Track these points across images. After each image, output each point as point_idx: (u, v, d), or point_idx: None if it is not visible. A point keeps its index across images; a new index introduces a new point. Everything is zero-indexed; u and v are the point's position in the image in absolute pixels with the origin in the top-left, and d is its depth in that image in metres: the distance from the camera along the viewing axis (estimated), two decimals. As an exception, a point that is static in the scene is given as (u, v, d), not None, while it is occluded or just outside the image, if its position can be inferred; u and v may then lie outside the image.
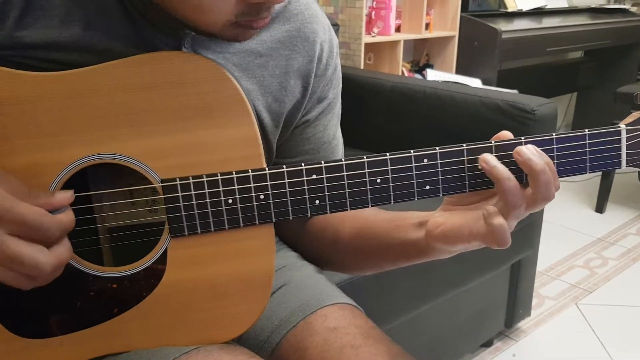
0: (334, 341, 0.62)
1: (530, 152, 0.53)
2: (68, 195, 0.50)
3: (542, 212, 1.51)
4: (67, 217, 0.49)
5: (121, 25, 0.55)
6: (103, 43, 0.55)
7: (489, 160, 0.54)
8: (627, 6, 3.31)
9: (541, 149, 0.54)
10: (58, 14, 0.53)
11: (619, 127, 0.56)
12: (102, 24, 0.55)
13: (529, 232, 1.45)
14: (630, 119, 0.57)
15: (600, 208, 2.53)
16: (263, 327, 0.66)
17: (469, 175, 0.55)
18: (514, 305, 1.56)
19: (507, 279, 1.52)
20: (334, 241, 0.71)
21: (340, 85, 0.73)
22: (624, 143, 0.57)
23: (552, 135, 0.55)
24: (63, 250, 0.49)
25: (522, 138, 0.55)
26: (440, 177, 0.55)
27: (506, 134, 0.56)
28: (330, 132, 0.72)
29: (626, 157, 0.57)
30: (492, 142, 0.55)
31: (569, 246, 2.22)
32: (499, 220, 0.52)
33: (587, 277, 1.99)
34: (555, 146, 0.55)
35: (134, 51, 0.54)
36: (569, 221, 2.42)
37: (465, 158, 0.55)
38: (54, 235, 0.48)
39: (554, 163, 0.55)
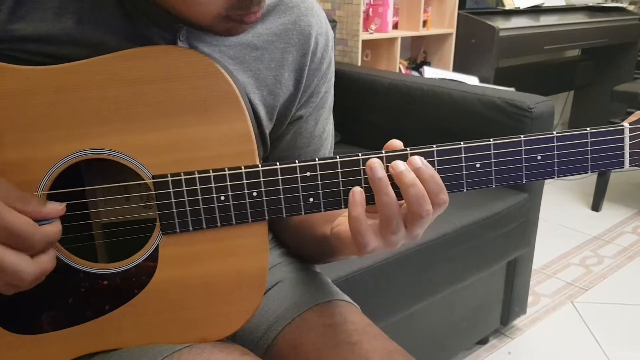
0: (329, 338, 0.62)
1: (403, 166, 0.51)
2: (59, 207, 0.51)
3: (538, 209, 1.51)
4: (54, 229, 0.50)
5: (116, 19, 0.55)
6: (97, 36, 0.54)
7: (376, 169, 0.51)
8: (624, 4, 3.31)
9: (541, 147, 0.53)
10: (52, 7, 0.53)
11: (622, 125, 0.54)
12: (96, 17, 0.54)
13: (525, 229, 1.45)
14: (633, 117, 0.55)
15: (596, 206, 2.53)
16: (259, 324, 0.66)
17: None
18: (510, 303, 1.56)
19: (503, 277, 1.52)
20: (283, 227, 0.74)
21: (333, 79, 0.72)
22: (627, 142, 0.54)
23: (553, 133, 0.54)
24: (46, 260, 0.50)
25: (522, 136, 0.53)
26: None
27: (396, 144, 0.53)
28: (321, 126, 0.72)
29: (629, 157, 0.55)
30: (383, 152, 0.52)
31: (565, 244, 2.22)
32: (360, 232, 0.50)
33: (582, 275, 1.99)
34: (555, 144, 0.54)
35: (128, 45, 0.53)
36: (565, 219, 2.42)
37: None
38: (38, 246, 0.48)
39: (554, 162, 0.54)
